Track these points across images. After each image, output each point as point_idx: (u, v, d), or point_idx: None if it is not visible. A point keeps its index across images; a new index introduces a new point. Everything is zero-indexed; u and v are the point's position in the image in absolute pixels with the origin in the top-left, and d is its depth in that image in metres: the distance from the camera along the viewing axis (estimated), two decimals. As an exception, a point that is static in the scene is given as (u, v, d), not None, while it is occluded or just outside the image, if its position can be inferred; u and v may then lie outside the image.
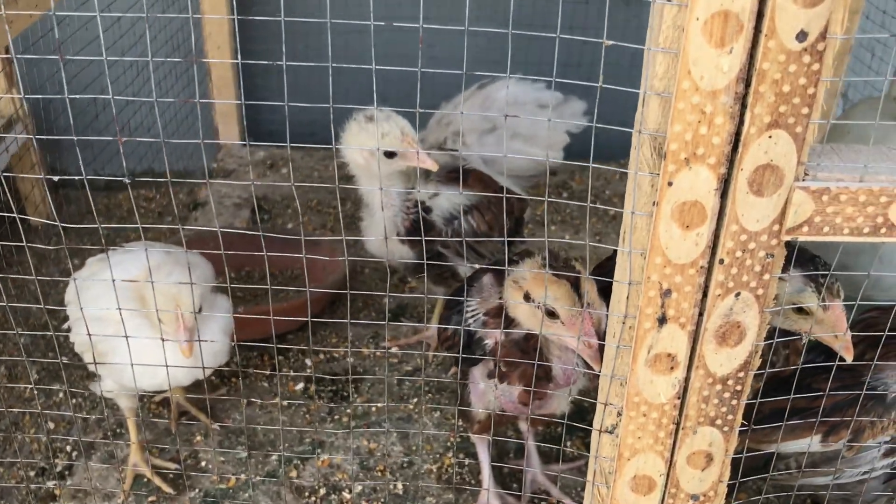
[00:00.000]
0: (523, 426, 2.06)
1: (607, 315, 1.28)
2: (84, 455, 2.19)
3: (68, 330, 2.09)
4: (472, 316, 1.77)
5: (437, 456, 2.20)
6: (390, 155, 2.01)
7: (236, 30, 3.52)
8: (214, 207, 3.28)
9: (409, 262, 2.22)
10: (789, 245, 1.15)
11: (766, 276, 1.13)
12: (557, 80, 1.17)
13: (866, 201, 1.08)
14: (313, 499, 2.07)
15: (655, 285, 1.15)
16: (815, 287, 1.51)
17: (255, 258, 2.88)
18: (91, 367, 2.05)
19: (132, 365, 1.64)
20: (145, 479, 2.11)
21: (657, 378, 1.22)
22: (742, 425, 1.28)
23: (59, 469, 2.18)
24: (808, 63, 0.99)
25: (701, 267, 1.13)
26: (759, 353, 1.22)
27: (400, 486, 2.12)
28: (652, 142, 1.07)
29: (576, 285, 1.53)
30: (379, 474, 2.15)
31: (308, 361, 2.49)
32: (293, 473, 2.14)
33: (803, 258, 1.57)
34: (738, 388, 1.22)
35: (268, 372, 2.43)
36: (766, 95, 1.01)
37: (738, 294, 1.14)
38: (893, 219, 1.09)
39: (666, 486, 1.33)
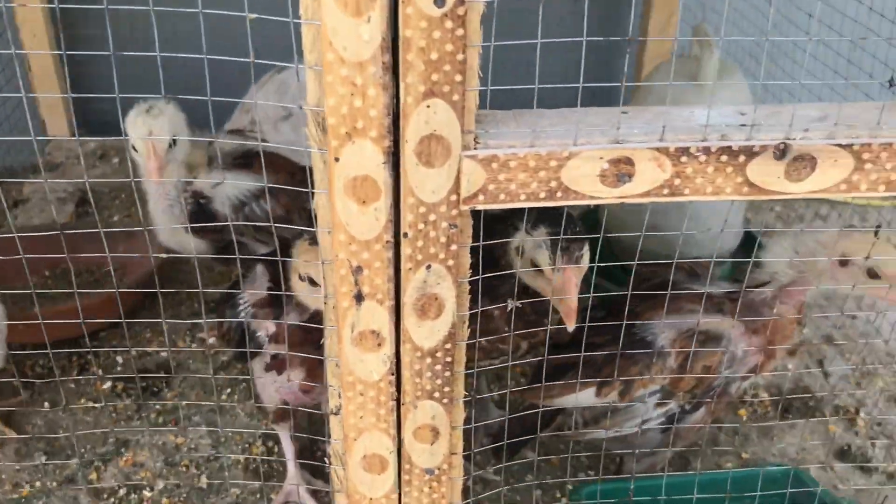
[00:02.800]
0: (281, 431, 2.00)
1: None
2: None
3: None
4: (244, 309, 1.73)
5: (246, 447, 2.16)
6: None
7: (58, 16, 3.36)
8: (37, 203, 3.13)
9: (207, 251, 2.17)
10: (477, 213, 1.14)
11: (454, 247, 1.12)
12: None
13: (536, 166, 1.08)
14: (112, 500, 2.01)
15: (345, 263, 1.12)
16: (549, 247, 1.51)
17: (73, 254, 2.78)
18: None
19: None
20: (-68, 496, 2.01)
21: (366, 356, 1.20)
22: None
23: None
24: (452, 29, 0.98)
25: (387, 241, 1.11)
26: (466, 323, 1.22)
27: (204, 479, 2.07)
28: (315, 117, 1.05)
29: None
30: (184, 469, 2.09)
31: (119, 359, 2.41)
32: (93, 476, 2.07)
33: (556, 219, 1.58)
34: (449, 359, 1.21)
35: (68, 375, 2.34)
36: (415, 64, 0.99)
37: (428, 266, 1.13)
38: (567, 182, 1.09)
39: (399, 463, 1.32)
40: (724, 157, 1.09)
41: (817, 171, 1.11)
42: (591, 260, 1.57)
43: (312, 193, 1.10)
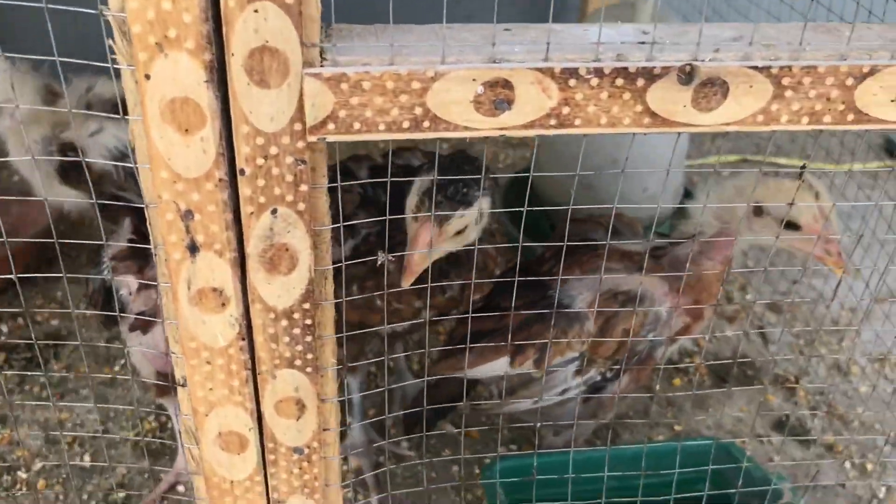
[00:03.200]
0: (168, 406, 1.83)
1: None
2: None
3: None
4: (106, 267, 1.54)
5: (138, 421, 1.98)
6: None
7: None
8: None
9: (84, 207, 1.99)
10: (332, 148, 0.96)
11: (304, 188, 0.94)
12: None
13: (396, 89, 0.90)
14: (-19, 483, 1.82)
15: (171, 206, 0.94)
16: (422, 195, 1.34)
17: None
18: None
19: None
20: None
21: (209, 318, 1.02)
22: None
23: None
24: (277, -88, 0.79)
25: (220, 180, 0.93)
26: (329, 279, 1.05)
27: (88, 458, 1.88)
28: (119, 25, 0.86)
29: None
30: (66, 447, 1.91)
31: (4, 328, 2.20)
32: (-37, 456, 1.88)
33: (457, 168, 1.41)
34: (309, 322, 1.04)
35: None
36: (234, -44, 0.81)
37: (274, 211, 0.95)
38: (435, 109, 0.92)
39: (262, 442, 1.15)
40: (619, 81, 0.93)
41: (730, 99, 0.95)
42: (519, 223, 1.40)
43: (126, 120, 0.91)
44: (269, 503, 1.20)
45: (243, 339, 1.05)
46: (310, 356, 1.07)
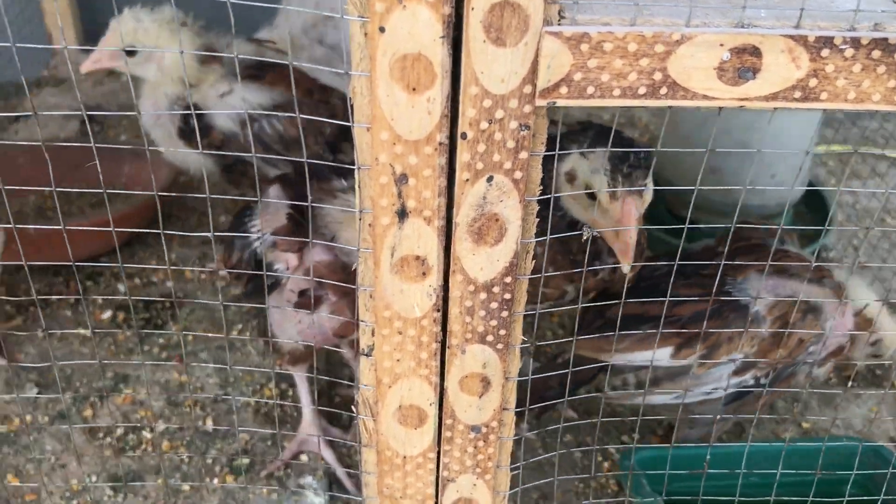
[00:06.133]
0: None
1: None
2: None
3: None
4: (258, 237, 1.51)
5: (258, 387, 1.97)
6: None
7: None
8: (39, 119, 2.92)
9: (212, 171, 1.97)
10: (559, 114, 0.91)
11: (524, 155, 0.89)
12: None
13: (638, 51, 0.84)
14: (108, 440, 1.82)
15: (387, 168, 0.90)
16: (611, 171, 1.28)
17: (76, 173, 2.59)
18: None
19: None
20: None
21: (408, 287, 0.98)
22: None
23: None
24: None
25: (440, 143, 0.88)
26: (531, 253, 1.00)
27: (210, 422, 1.88)
28: (358, -27, 0.81)
29: None
30: (187, 410, 1.91)
31: (121, 287, 2.21)
32: (88, 413, 1.88)
33: (618, 139, 1.35)
34: (508, 296, 0.99)
35: (70, 299, 2.14)
36: None
37: (490, 178, 0.91)
38: (675, 75, 0.86)
39: (440, 418, 1.11)
40: (876, 53, 0.85)
41: None
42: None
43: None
44: (438, 481, 1.17)
45: (438, 311, 1.00)
46: (503, 332, 1.02)
